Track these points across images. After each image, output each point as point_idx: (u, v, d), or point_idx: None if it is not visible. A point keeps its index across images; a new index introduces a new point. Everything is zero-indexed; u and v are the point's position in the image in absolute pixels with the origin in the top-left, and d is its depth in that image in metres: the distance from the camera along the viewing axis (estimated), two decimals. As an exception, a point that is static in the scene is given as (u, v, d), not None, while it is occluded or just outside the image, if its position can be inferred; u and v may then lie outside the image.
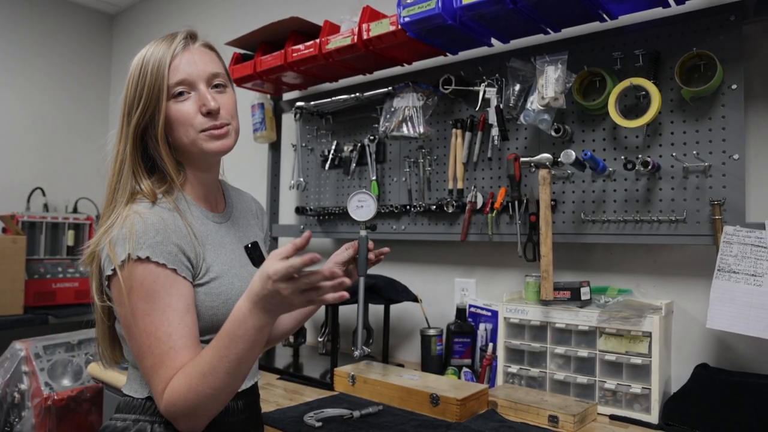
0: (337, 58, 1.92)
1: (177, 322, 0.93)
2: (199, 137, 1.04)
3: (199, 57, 1.06)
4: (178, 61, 1.04)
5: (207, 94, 1.04)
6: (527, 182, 1.72)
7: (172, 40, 1.05)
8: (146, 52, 1.06)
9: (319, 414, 1.38)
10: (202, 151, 1.05)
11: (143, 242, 0.94)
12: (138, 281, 0.93)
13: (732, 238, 1.35)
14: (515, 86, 1.72)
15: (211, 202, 1.15)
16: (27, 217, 3.10)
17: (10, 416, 1.97)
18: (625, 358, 1.42)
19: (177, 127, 1.04)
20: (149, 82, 1.02)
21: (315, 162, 2.34)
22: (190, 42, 1.07)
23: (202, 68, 1.05)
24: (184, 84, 1.03)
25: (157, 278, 0.93)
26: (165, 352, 0.91)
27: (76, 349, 2.15)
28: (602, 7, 1.48)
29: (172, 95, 1.03)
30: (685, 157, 1.47)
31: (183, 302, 0.95)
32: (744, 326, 1.31)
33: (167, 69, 1.02)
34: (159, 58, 1.03)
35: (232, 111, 1.08)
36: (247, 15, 2.87)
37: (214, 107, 1.03)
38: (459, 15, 1.55)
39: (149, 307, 0.93)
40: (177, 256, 0.97)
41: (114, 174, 1.05)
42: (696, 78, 1.45)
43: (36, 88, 3.62)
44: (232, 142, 1.08)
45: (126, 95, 1.05)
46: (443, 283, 2.03)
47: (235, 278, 1.07)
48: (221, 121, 1.05)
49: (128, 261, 0.93)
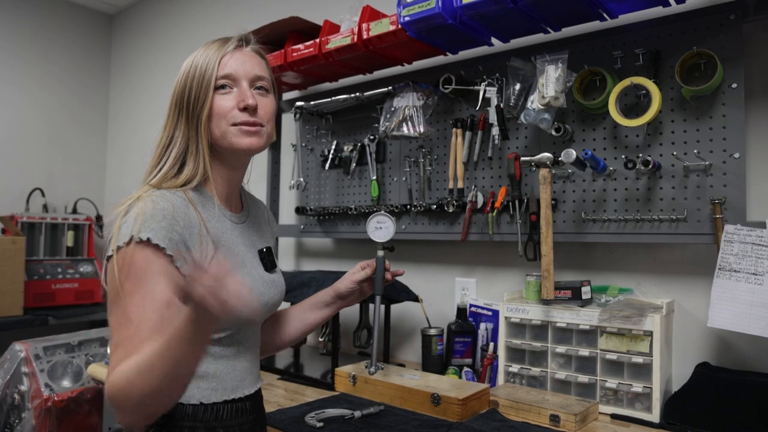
0: (337, 57, 1.92)
1: (152, 311, 0.91)
2: (230, 130, 1.05)
3: (248, 58, 1.09)
4: (228, 58, 1.07)
5: (248, 91, 1.07)
6: (527, 181, 1.72)
7: (227, 40, 1.10)
8: (200, 50, 1.09)
9: (321, 414, 1.38)
10: (231, 145, 1.06)
11: (148, 225, 0.94)
12: (132, 261, 0.93)
13: (733, 236, 1.35)
14: (515, 85, 1.72)
15: (232, 203, 1.16)
16: (26, 217, 3.10)
17: (10, 417, 1.96)
18: (626, 357, 1.42)
19: (212, 119, 1.06)
20: (199, 75, 1.05)
21: (315, 162, 2.33)
22: (243, 44, 1.11)
23: (249, 68, 1.08)
24: (228, 78, 1.06)
25: (151, 262, 0.93)
26: (129, 336, 0.89)
27: (76, 350, 2.15)
28: (602, 6, 1.48)
29: (215, 87, 1.06)
30: (685, 156, 1.47)
31: (167, 294, 0.93)
32: (745, 325, 1.31)
33: (217, 64, 1.06)
34: (211, 54, 1.07)
35: (270, 115, 1.10)
36: (246, 15, 2.87)
37: (251, 103, 1.05)
38: (459, 14, 1.55)
39: (134, 288, 0.92)
40: (177, 245, 0.96)
41: (156, 157, 1.08)
42: (696, 77, 1.45)
43: (35, 88, 3.61)
44: (263, 142, 1.09)
45: (176, 88, 1.08)
46: (444, 282, 2.03)
47: (245, 279, 1.07)
48: (257, 119, 1.06)
49: (130, 242, 0.93)
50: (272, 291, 1.15)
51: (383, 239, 1.34)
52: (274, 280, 1.17)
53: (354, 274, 1.29)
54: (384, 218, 1.35)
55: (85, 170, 3.75)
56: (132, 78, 3.78)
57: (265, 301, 1.12)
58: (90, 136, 3.85)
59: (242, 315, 0.80)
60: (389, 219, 1.35)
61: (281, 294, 1.20)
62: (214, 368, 1.05)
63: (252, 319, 1.11)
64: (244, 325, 1.10)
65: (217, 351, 1.06)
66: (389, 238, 1.34)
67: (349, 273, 1.30)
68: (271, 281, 1.16)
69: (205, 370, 1.04)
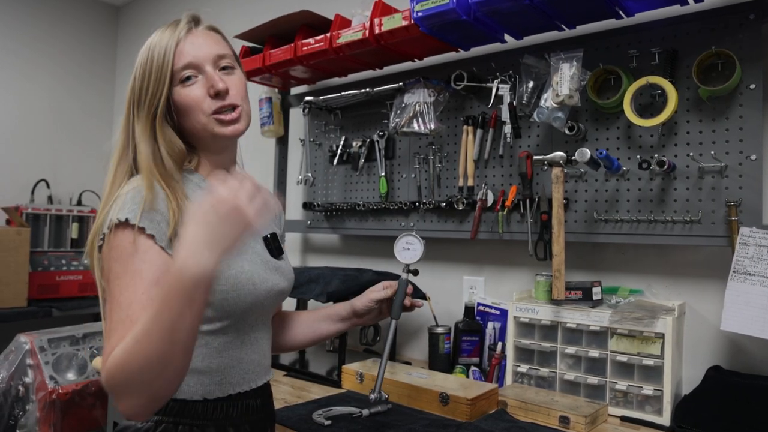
0: (348, 52, 1.90)
1: (141, 292, 0.89)
2: (210, 121, 1.02)
3: (203, 39, 1.05)
4: (183, 45, 1.02)
5: (214, 75, 1.02)
6: (539, 180, 1.71)
7: (176, 25, 1.04)
8: (151, 40, 1.04)
9: (328, 412, 1.37)
10: (214, 135, 1.03)
11: (127, 207, 0.93)
12: (118, 242, 0.92)
13: (748, 239, 1.34)
14: (528, 83, 1.70)
15: None
16: (31, 209, 3.09)
17: (14, 409, 1.96)
18: (636, 359, 1.41)
19: (188, 113, 1.02)
20: (155, 69, 1.01)
21: (323, 157, 2.32)
22: (194, 26, 1.06)
23: (208, 50, 1.03)
24: (190, 67, 1.02)
25: (134, 240, 0.91)
26: (121, 320, 0.87)
27: (81, 342, 2.14)
28: (619, 4, 1.46)
29: (179, 80, 1.02)
30: (701, 157, 1.45)
31: (153, 272, 0.91)
32: (759, 329, 1.30)
33: (173, 54, 1.01)
34: (164, 44, 1.02)
35: (242, 93, 1.06)
36: (256, 6, 2.85)
37: (222, 88, 1.01)
38: (473, 10, 1.53)
39: (122, 269, 0.90)
40: (159, 225, 0.94)
41: (114, 167, 1.03)
42: (713, 77, 1.43)
43: (40, 80, 3.60)
44: (244, 126, 1.06)
45: (133, 85, 1.04)
46: (452, 280, 2.02)
47: (245, 262, 1.03)
48: (230, 101, 1.03)
49: (114, 226, 0.92)
50: (278, 277, 1.10)
51: (410, 261, 1.29)
52: (280, 267, 1.13)
53: (374, 292, 1.24)
54: (413, 239, 1.29)
55: (91, 162, 3.74)
56: (138, 70, 3.76)
57: (270, 287, 1.07)
58: (96, 129, 3.84)
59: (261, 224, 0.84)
60: (418, 241, 1.29)
61: (289, 281, 1.16)
62: (218, 362, 1.02)
63: (255, 303, 1.05)
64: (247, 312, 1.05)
65: (221, 344, 1.03)
66: (416, 260, 1.28)
67: (368, 290, 1.26)
68: (276, 267, 1.11)
69: (207, 365, 1.01)
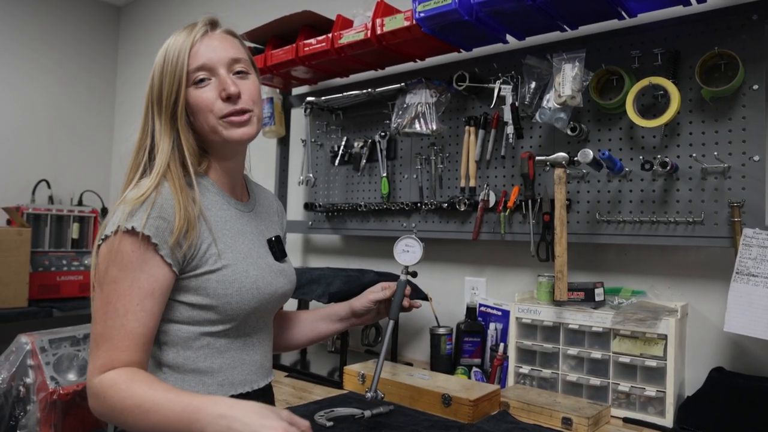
0: (350, 53, 1.90)
1: (136, 303, 0.92)
2: (220, 124, 1.03)
3: (219, 43, 1.05)
4: (198, 47, 1.03)
5: (227, 78, 1.03)
6: (541, 181, 1.70)
7: (193, 27, 1.05)
8: (168, 41, 1.05)
9: (330, 413, 1.36)
10: (223, 138, 1.04)
11: (137, 215, 0.94)
12: (119, 248, 0.93)
13: (752, 240, 1.33)
14: (531, 84, 1.70)
15: (237, 192, 1.14)
16: (32, 209, 3.08)
17: (15, 410, 1.95)
18: (639, 361, 1.41)
19: (198, 114, 1.03)
20: (170, 70, 1.02)
21: (324, 158, 2.32)
22: (210, 29, 1.07)
23: (222, 54, 1.04)
24: (203, 69, 1.03)
25: (137, 250, 0.93)
26: (116, 327, 0.91)
27: (82, 343, 2.13)
28: (621, 4, 1.46)
29: (192, 81, 1.03)
30: (703, 158, 1.45)
31: (150, 284, 0.93)
32: (762, 330, 1.29)
33: (187, 55, 1.02)
34: (179, 45, 1.03)
35: (255, 97, 1.07)
36: (257, 6, 2.85)
37: (234, 91, 1.02)
38: (476, 11, 1.53)
39: (120, 275, 0.92)
40: (164, 233, 0.94)
41: (130, 164, 1.05)
42: (716, 78, 1.43)
43: (41, 80, 3.60)
44: (254, 130, 1.06)
45: (151, 85, 1.05)
46: (453, 281, 2.01)
47: (251, 267, 1.05)
48: (242, 106, 1.03)
49: (117, 231, 0.93)
50: (282, 280, 1.13)
51: (409, 263, 1.29)
52: (283, 269, 1.15)
53: (372, 293, 1.25)
54: (412, 242, 1.30)
55: (92, 163, 3.74)
56: (139, 70, 3.76)
57: (274, 290, 1.09)
58: (97, 129, 3.84)
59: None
60: (417, 243, 1.30)
61: (291, 284, 1.18)
62: (220, 363, 1.03)
63: (258, 307, 1.07)
64: (250, 315, 1.06)
65: (223, 344, 1.04)
66: (415, 262, 1.29)
67: (367, 291, 1.26)
68: (280, 270, 1.13)
69: (209, 365, 1.01)
